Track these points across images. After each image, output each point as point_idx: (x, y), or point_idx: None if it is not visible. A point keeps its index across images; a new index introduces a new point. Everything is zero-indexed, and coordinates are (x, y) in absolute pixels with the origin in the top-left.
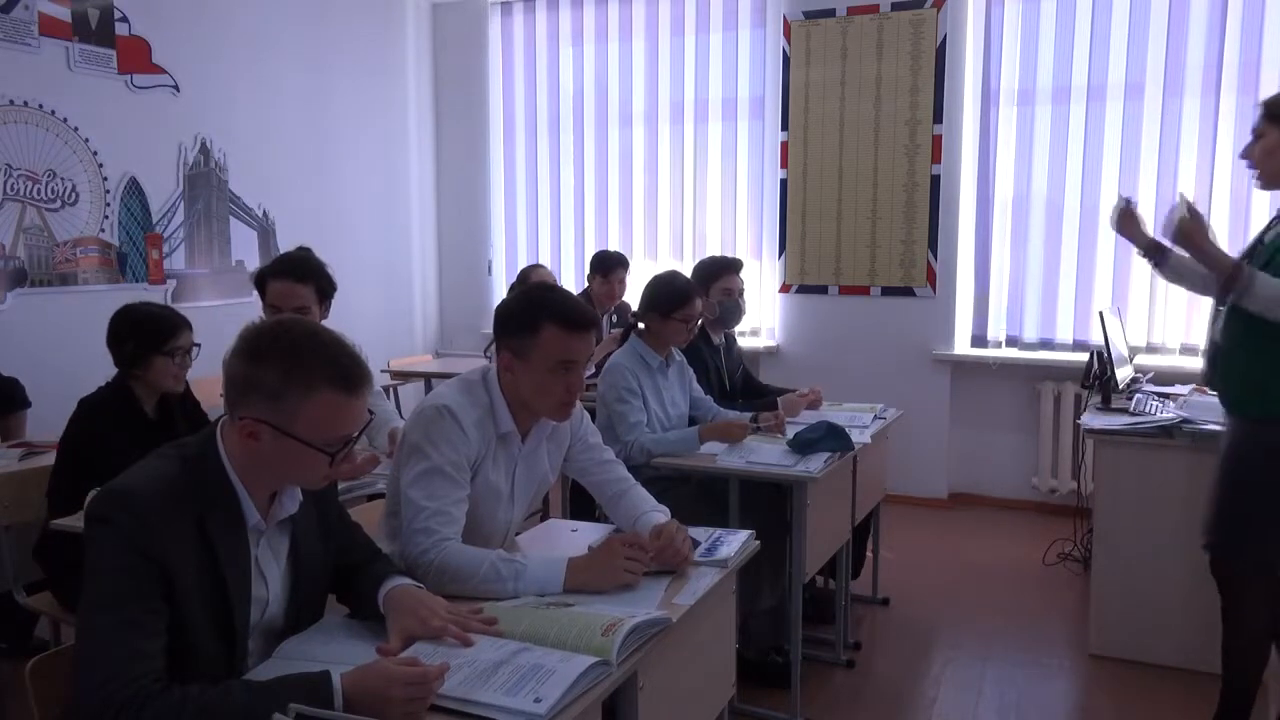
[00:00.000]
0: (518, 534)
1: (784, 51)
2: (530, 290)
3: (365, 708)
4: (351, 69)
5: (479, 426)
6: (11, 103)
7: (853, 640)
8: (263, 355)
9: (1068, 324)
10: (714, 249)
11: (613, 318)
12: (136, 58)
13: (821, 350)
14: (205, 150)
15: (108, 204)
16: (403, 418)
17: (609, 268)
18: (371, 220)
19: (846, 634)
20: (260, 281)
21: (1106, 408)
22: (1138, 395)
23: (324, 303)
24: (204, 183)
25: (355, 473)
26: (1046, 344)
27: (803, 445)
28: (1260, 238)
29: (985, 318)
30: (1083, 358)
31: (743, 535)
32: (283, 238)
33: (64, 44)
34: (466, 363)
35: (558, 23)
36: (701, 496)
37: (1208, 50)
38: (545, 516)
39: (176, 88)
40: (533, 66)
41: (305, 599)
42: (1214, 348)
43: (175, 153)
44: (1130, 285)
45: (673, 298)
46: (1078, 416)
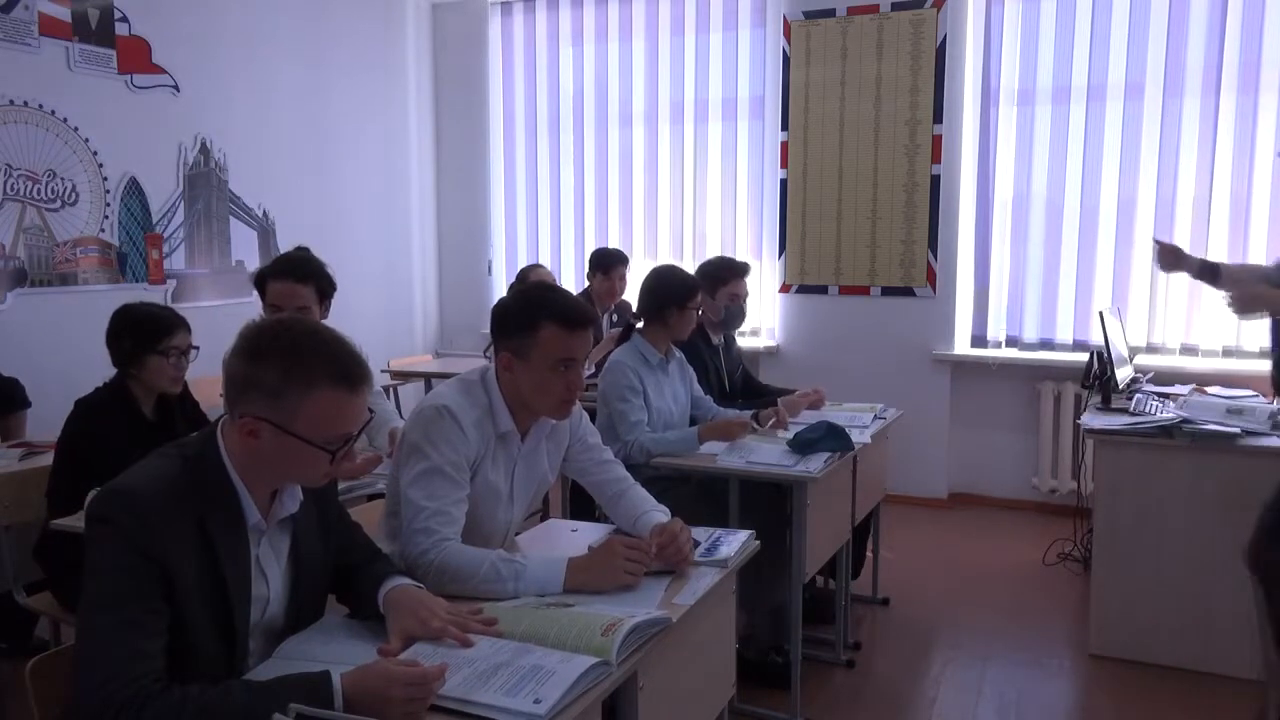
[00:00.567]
0: (518, 534)
1: (784, 51)
2: (527, 290)
3: (365, 708)
4: (352, 69)
5: (478, 426)
6: (11, 103)
7: (853, 640)
8: (263, 353)
9: (1068, 324)
10: (714, 249)
11: (613, 316)
12: (136, 58)
13: (821, 350)
14: (205, 150)
15: (108, 204)
16: (403, 418)
17: (610, 265)
18: (371, 220)
19: (846, 634)
20: (260, 282)
21: (1106, 408)
22: (1138, 395)
23: (324, 303)
24: (204, 183)
25: (356, 472)
26: (1046, 344)
27: (803, 445)
28: None
29: (985, 318)
30: (1083, 358)
31: (743, 535)
32: (283, 238)
33: (64, 44)
34: (466, 363)
35: (558, 23)
36: (701, 496)
37: (1208, 50)
38: (545, 516)
39: (176, 88)
40: (533, 66)
41: (306, 598)
42: None
43: (175, 153)
44: (1130, 285)
45: (686, 289)
46: (1078, 416)
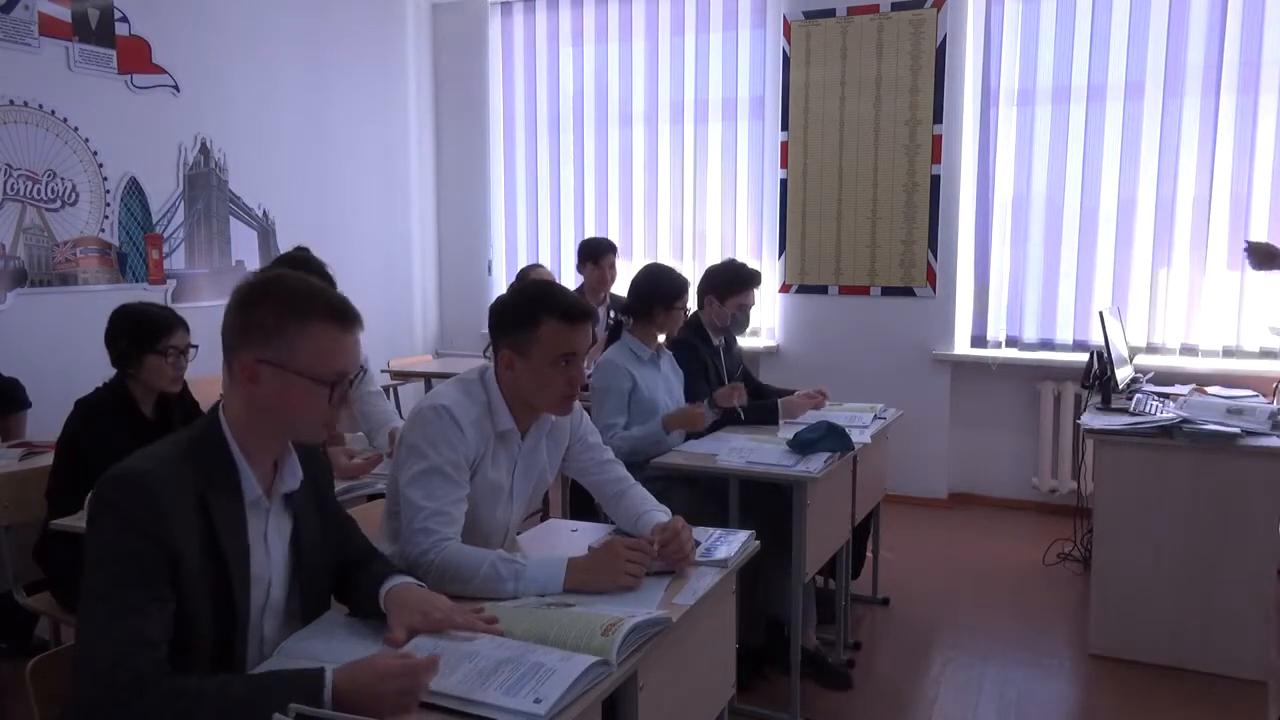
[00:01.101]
0: (518, 534)
1: (784, 51)
2: (526, 287)
3: (358, 703)
4: (352, 69)
5: (477, 426)
6: (11, 103)
7: (853, 640)
8: (257, 301)
9: (1068, 324)
10: (714, 249)
11: (610, 312)
12: (136, 58)
13: (821, 350)
14: (205, 150)
15: (108, 204)
16: (402, 418)
17: (599, 254)
18: (371, 220)
19: (846, 634)
20: None
21: (1106, 408)
22: (1138, 395)
23: None
24: (204, 183)
25: (356, 472)
26: (1046, 344)
27: (803, 445)
28: None
29: (985, 318)
30: (1083, 358)
31: (743, 535)
32: (283, 238)
33: (64, 44)
34: (466, 363)
35: (558, 23)
36: (701, 496)
37: (1208, 50)
38: (545, 516)
39: (176, 88)
40: (533, 66)
41: (309, 585)
42: None
43: (175, 153)
44: (1130, 285)
45: (674, 289)
46: (1078, 416)
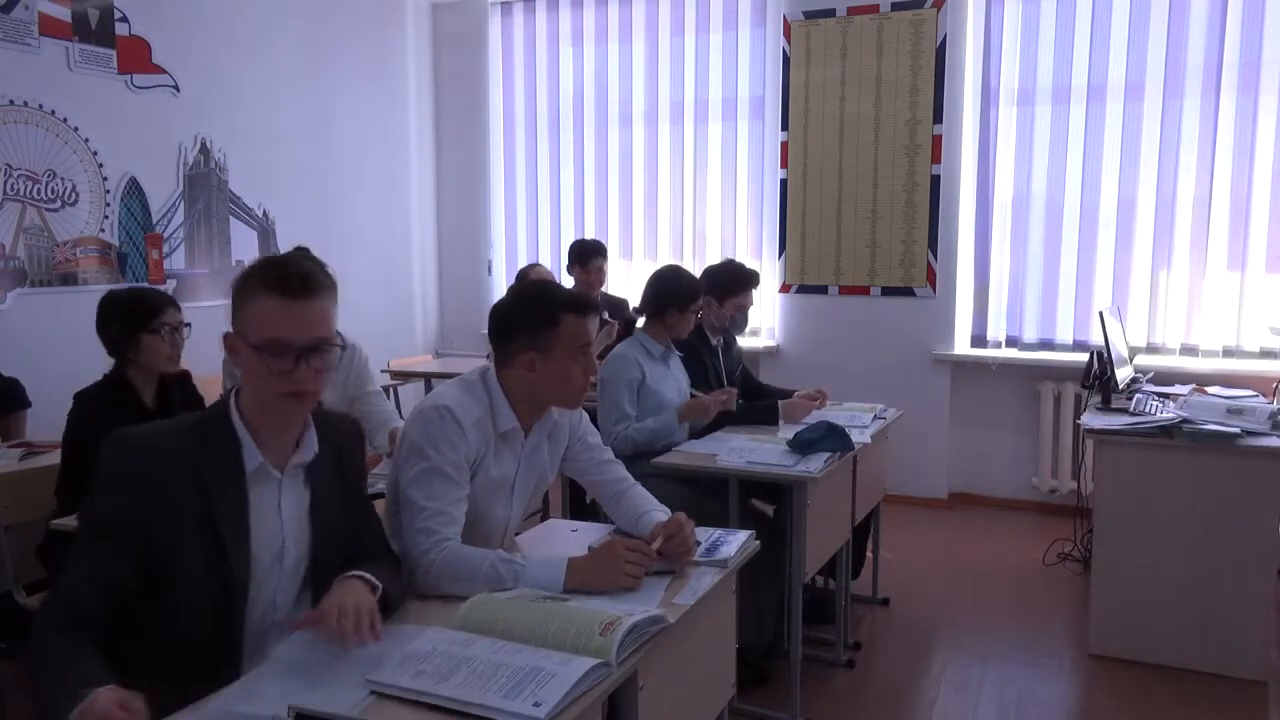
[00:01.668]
0: (517, 534)
1: (784, 51)
2: (529, 288)
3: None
4: (352, 69)
5: (478, 426)
6: (11, 103)
7: (853, 640)
8: (236, 283)
9: (1068, 324)
10: (714, 249)
11: (603, 312)
12: (136, 58)
13: (821, 350)
14: (205, 150)
15: (108, 204)
16: (403, 418)
17: (587, 257)
18: (371, 220)
19: (846, 634)
20: None
21: (1106, 408)
22: (1138, 395)
23: None
24: (204, 183)
25: None
26: (1046, 344)
27: (803, 445)
28: None
29: (985, 318)
30: (1083, 358)
31: (742, 535)
32: (283, 238)
33: (64, 44)
34: (466, 363)
35: (558, 23)
36: (702, 496)
37: (1208, 50)
38: (545, 516)
39: (176, 88)
40: (533, 66)
41: (324, 557)
42: None
43: (175, 153)
44: (1130, 285)
45: (688, 292)
46: (1078, 416)
